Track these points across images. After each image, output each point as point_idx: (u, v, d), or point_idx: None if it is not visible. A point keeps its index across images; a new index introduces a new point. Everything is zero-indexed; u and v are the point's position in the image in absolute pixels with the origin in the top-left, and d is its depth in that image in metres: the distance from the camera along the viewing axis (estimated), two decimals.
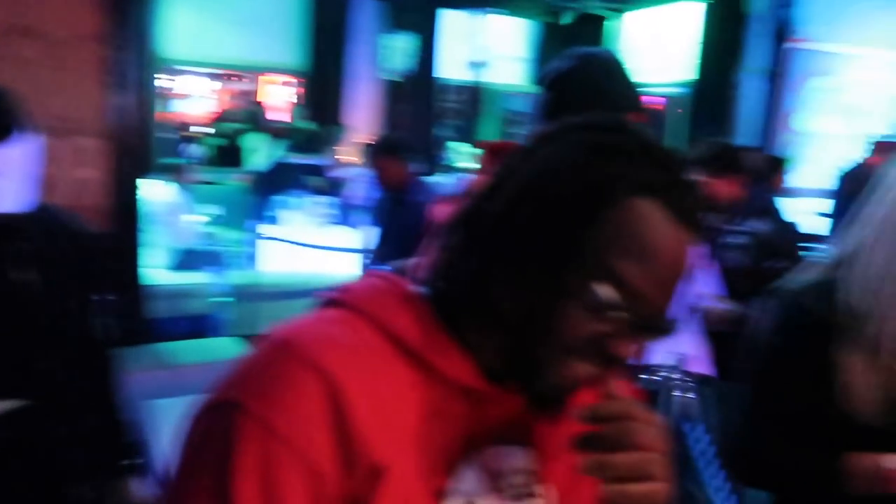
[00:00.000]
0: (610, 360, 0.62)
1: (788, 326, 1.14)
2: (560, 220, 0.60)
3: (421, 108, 7.72)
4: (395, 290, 0.67)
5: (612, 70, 1.22)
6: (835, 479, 1.06)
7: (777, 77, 7.54)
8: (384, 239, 3.57)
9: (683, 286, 0.63)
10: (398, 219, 3.39)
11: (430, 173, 7.28)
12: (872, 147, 5.53)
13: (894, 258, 1.04)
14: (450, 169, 7.48)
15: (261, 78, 8.04)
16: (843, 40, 7.76)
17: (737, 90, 7.43)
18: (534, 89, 1.33)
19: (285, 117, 7.76)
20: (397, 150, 3.49)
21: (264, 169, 5.91)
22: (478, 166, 1.26)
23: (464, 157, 8.08)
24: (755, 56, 7.47)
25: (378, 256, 3.57)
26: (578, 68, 1.20)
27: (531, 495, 0.70)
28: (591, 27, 8.58)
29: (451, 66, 7.88)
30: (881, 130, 5.82)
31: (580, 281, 0.59)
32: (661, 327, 0.63)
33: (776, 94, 7.58)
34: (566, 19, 8.49)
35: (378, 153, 3.52)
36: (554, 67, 1.24)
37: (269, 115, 7.69)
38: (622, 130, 0.63)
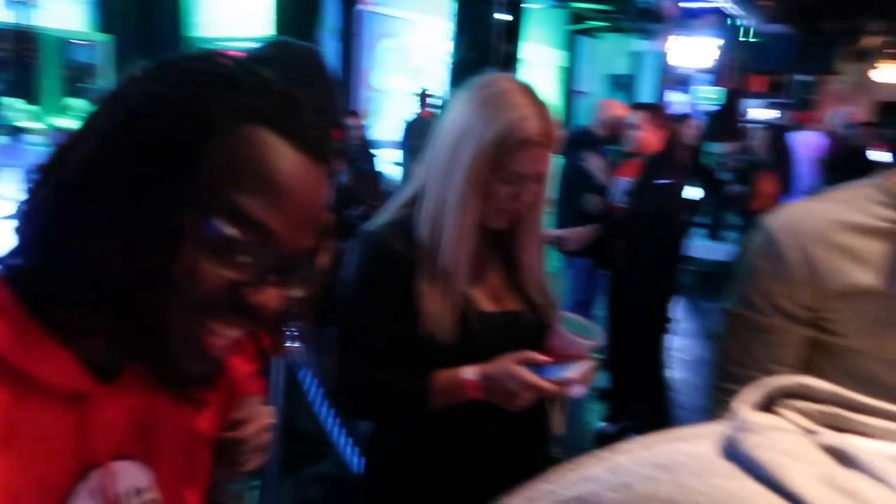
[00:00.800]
0: (252, 315, 0.54)
1: (370, 263, 1.24)
2: (161, 157, 0.51)
3: None
4: None
5: (310, 68, 1.17)
6: (423, 397, 1.19)
7: (351, 37, 8.08)
8: None
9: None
10: None
11: None
12: (421, 101, 6.58)
13: (444, 195, 1.19)
14: (7, 130, 6.29)
15: None
16: (404, 7, 8.68)
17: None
18: (100, 37, 1.21)
19: None
20: None
21: None
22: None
23: (23, 115, 6.86)
24: (331, 17, 7.88)
25: None
26: (271, 56, 1.15)
27: None
28: None
29: None
30: (437, 88, 6.76)
31: (196, 221, 0.51)
32: (301, 270, 0.56)
33: (352, 53, 8.14)
34: None
35: None
36: (255, 47, 1.21)
37: None
38: (225, 60, 0.56)
